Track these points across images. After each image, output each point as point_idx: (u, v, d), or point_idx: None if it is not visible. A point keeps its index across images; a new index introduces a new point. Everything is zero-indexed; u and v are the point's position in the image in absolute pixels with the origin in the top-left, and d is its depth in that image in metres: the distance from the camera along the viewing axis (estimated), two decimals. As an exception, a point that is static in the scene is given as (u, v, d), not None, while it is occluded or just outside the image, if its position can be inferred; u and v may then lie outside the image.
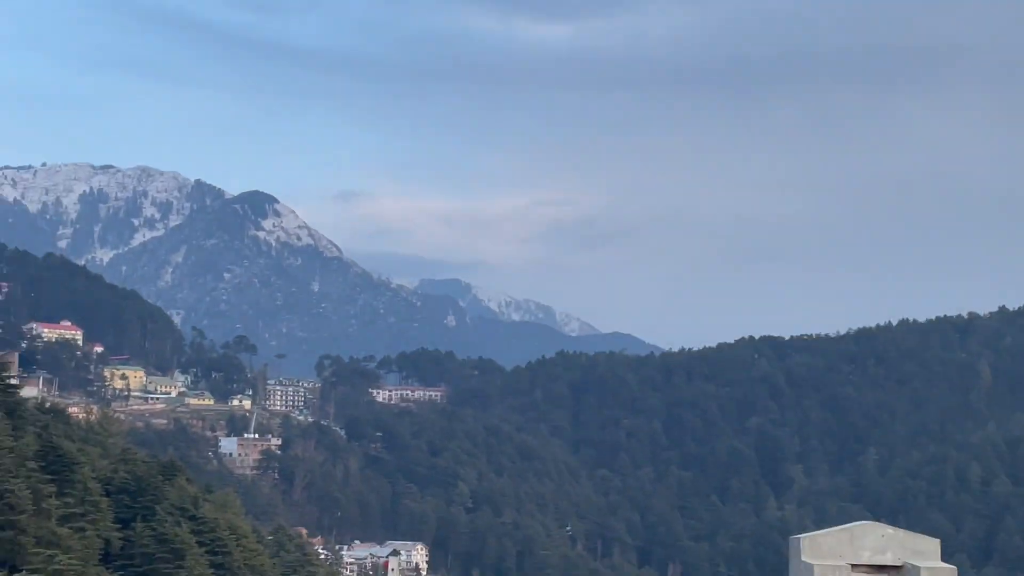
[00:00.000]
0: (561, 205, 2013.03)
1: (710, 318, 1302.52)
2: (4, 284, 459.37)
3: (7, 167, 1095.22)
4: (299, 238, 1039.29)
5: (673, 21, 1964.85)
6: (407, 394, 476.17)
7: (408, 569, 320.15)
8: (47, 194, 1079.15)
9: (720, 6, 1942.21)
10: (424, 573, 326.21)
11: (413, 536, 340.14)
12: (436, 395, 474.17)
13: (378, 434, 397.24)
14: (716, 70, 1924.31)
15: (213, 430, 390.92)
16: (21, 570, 77.75)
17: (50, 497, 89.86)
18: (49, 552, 78.91)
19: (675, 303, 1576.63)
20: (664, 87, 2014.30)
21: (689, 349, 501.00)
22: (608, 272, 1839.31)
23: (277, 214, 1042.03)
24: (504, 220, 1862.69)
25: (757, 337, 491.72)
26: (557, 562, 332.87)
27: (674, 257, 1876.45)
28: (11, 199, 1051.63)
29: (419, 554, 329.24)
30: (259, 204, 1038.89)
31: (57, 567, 76.29)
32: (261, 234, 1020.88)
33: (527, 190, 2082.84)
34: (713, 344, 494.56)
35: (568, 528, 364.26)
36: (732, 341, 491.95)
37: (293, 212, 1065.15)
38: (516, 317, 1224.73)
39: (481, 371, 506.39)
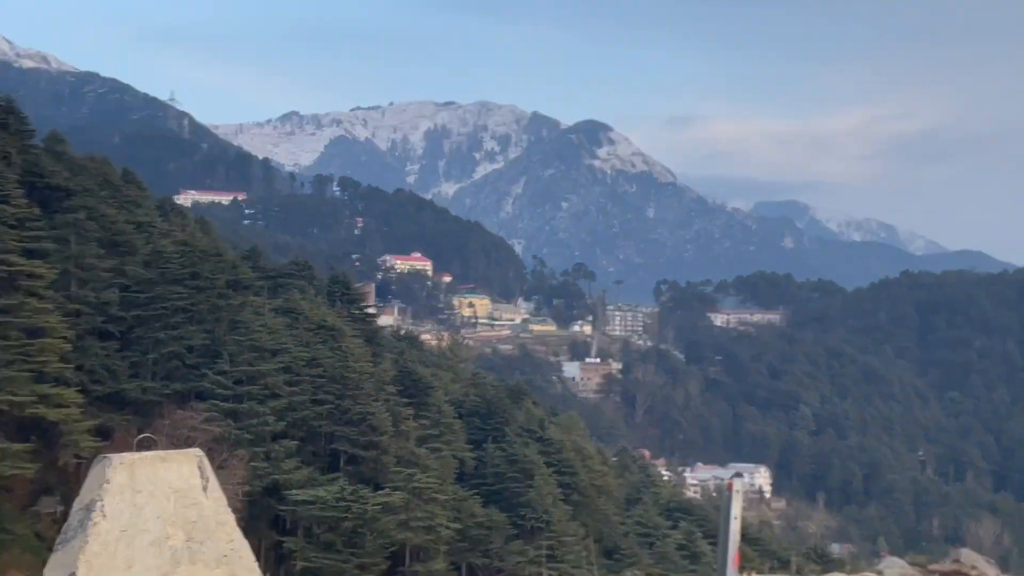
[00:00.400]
0: (901, 119, 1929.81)
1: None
2: (360, 219, 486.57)
3: (358, 108, 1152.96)
4: (633, 165, 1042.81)
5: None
6: (745, 318, 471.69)
7: (751, 492, 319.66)
8: (395, 132, 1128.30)
9: None
10: (768, 496, 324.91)
11: (755, 459, 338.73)
12: (775, 318, 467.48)
13: (717, 357, 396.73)
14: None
15: (555, 355, 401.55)
16: (384, 487, 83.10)
17: (408, 419, 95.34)
18: (409, 471, 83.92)
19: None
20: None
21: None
22: (955, 187, 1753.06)
23: (611, 142, 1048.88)
24: (841, 137, 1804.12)
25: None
26: (906, 486, 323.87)
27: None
28: (363, 138, 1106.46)
29: (762, 477, 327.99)
30: (593, 133, 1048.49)
31: (416, 485, 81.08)
32: (596, 162, 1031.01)
33: (864, 106, 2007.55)
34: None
35: (920, 452, 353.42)
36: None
37: (627, 139, 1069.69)
38: (856, 237, 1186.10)
39: (821, 293, 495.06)
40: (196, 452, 15.16)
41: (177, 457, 14.83)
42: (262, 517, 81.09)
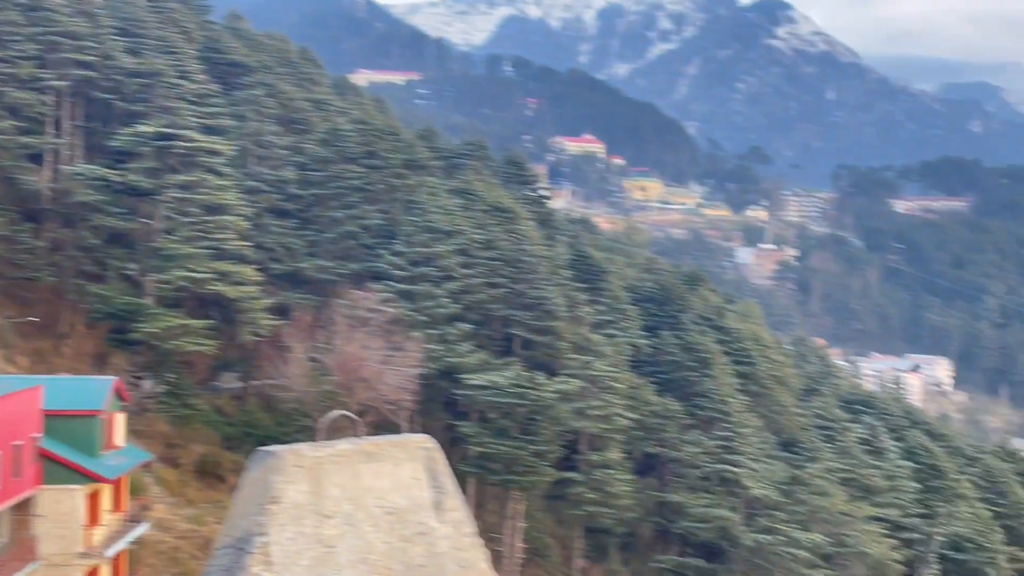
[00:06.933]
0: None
1: None
2: (532, 100, 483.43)
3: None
4: (813, 45, 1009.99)
5: None
6: (929, 204, 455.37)
7: (931, 384, 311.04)
8: (567, 11, 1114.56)
9: None
10: (948, 389, 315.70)
11: (935, 350, 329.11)
12: (961, 205, 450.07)
13: (898, 246, 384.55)
14: None
15: (729, 240, 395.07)
16: (559, 374, 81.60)
17: (583, 305, 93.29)
18: (584, 358, 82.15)
19: None
20: None
21: None
22: None
23: (791, 21, 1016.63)
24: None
25: None
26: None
27: None
28: (535, 17, 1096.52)
29: (942, 369, 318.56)
30: (772, 11, 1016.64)
31: (592, 372, 79.32)
32: (775, 42, 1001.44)
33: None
34: None
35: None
36: None
37: (807, 18, 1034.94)
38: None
39: (1012, 179, 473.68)
40: (423, 442, 9.74)
41: (391, 451, 9.11)
42: (437, 400, 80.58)
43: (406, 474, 9.10)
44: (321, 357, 72.44)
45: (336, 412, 9.43)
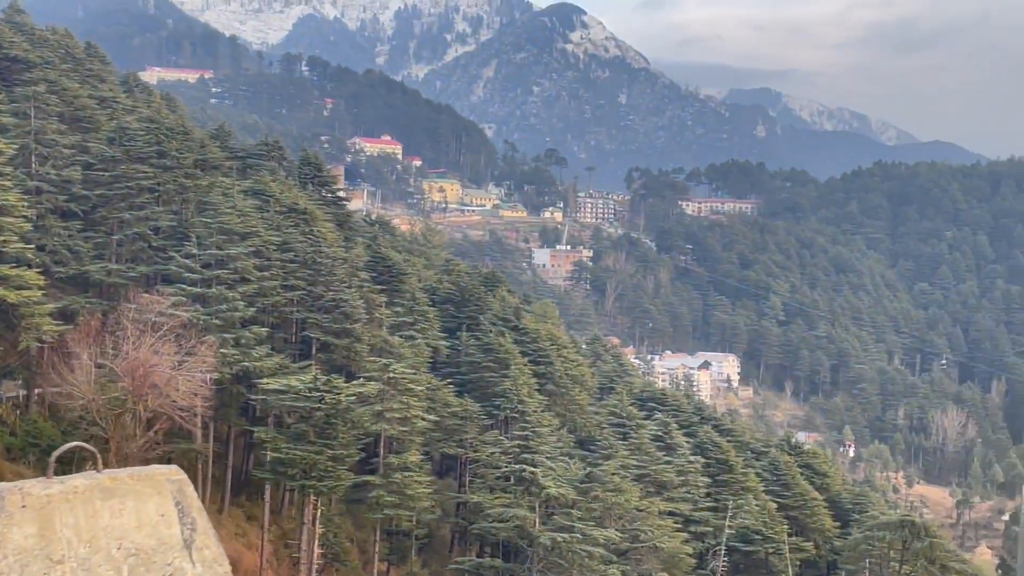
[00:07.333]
0: (880, 6, 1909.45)
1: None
2: (329, 100, 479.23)
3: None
4: (606, 50, 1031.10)
5: None
6: (717, 206, 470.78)
7: (720, 380, 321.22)
8: (364, 11, 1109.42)
9: None
10: (735, 384, 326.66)
11: (724, 348, 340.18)
12: (747, 207, 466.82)
13: (688, 246, 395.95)
14: None
15: (526, 241, 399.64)
16: (358, 377, 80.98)
17: (381, 307, 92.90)
18: (383, 360, 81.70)
19: (1003, 109, 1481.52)
20: None
21: (1019, 158, 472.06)
22: (929, 77, 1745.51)
23: (584, 26, 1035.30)
24: (818, 24, 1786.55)
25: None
26: (873, 376, 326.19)
27: (1004, 60, 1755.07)
28: (332, 17, 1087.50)
29: (730, 366, 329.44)
30: (567, 16, 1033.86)
31: (391, 375, 78.92)
32: (569, 46, 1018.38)
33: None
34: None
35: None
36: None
37: (600, 23, 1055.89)
38: (829, 126, 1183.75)
39: (793, 182, 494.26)
40: (170, 474, 8.44)
41: (134, 486, 8.00)
42: (232, 405, 78.90)
43: (152, 510, 7.99)
44: (109, 363, 69.99)
45: (71, 443, 8.25)
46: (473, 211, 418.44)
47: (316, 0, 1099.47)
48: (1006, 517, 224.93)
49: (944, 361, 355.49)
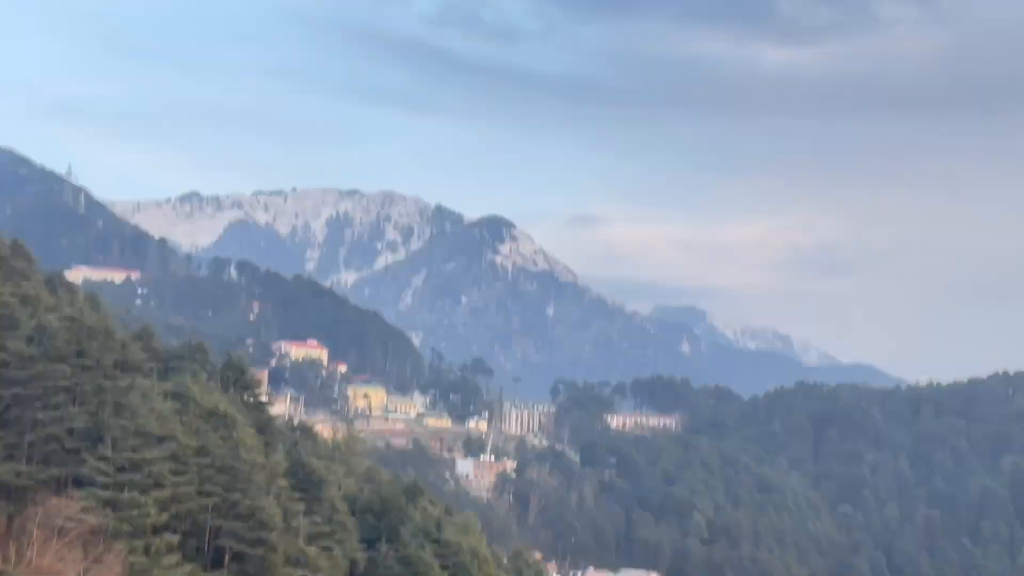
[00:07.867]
0: (799, 231, 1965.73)
1: (959, 351, 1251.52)
2: (256, 304, 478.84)
3: (260, 192, 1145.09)
4: (535, 263, 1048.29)
5: (922, 43, 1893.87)
6: (642, 421, 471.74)
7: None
8: (296, 218, 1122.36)
9: (974, 26, 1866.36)
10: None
11: (647, 564, 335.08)
12: (671, 423, 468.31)
13: (612, 460, 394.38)
14: (968, 94, 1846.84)
15: (450, 451, 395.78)
16: (271, 588, 78.15)
17: (299, 515, 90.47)
18: (299, 571, 79.12)
19: (921, 335, 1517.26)
20: (911, 111, 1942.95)
21: (938, 383, 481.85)
22: (849, 301, 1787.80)
23: (514, 239, 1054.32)
24: (740, 246, 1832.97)
25: (1012, 372, 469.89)
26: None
27: (921, 286, 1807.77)
28: (263, 223, 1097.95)
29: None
30: (497, 229, 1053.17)
31: (307, 587, 76.35)
32: (498, 259, 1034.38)
33: (764, 216, 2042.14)
34: (964, 378, 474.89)
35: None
36: (984, 376, 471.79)
37: (529, 237, 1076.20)
38: (752, 345, 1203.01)
39: (717, 399, 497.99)
40: None
41: None
42: (137, 617, 75.43)
43: None
44: (11, 570, 66.90)
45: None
46: (398, 418, 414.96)
47: (249, 205, 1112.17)
48: None
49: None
